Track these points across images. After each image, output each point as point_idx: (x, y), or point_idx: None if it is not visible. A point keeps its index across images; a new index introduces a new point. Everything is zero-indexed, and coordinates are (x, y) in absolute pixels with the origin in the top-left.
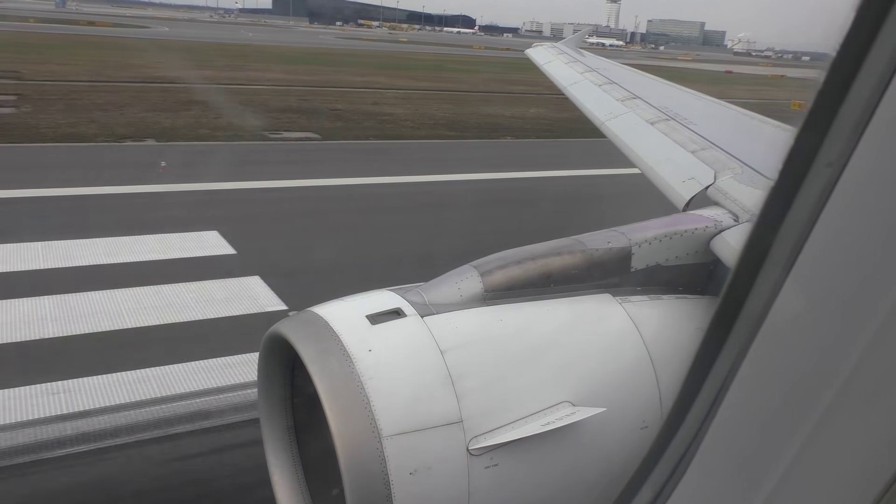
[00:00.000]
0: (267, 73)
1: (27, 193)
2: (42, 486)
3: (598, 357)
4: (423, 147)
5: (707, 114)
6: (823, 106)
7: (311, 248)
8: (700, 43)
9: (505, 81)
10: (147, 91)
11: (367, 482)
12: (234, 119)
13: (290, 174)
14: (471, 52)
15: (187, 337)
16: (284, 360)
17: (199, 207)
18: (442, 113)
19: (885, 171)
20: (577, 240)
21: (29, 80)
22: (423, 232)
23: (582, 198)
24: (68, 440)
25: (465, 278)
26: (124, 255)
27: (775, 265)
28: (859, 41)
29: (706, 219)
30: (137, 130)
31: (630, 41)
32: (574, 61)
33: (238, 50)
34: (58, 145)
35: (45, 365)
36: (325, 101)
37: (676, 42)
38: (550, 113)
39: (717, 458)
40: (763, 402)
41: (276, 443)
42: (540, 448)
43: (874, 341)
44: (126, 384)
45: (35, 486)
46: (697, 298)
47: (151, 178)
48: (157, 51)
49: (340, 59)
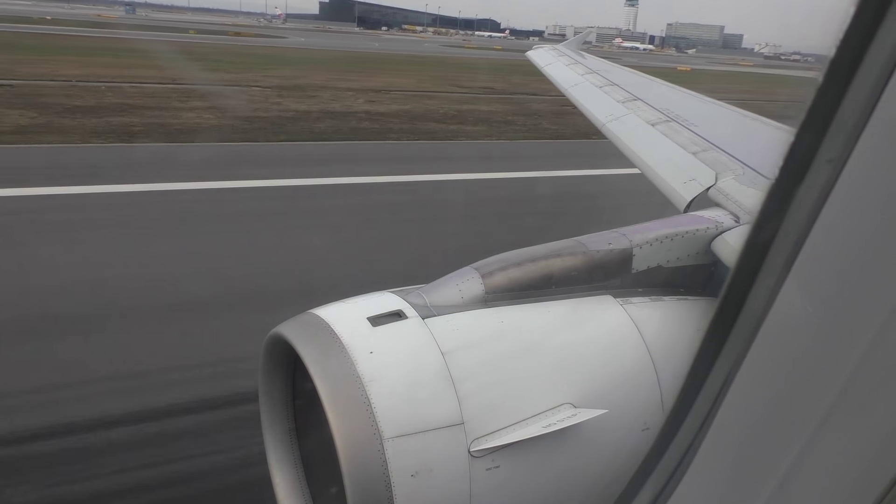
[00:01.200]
0: (490, 80)
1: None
2: None
3: (600, 358)
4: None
5: (708, 115)
6: (824, 103)
7: None
8: (719, 46)
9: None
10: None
11: (369, 484)
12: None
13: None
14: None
15: None
16: (285, 361)
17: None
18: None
19: (885, 167)
20: (578, 241)
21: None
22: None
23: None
24: None
25: (465, 280)
26: None
27: (775, 264)
28: (859, 38)
29: (707, 220)
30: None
31: (655, 45)
32: (575, 63)
33: (402, 59)
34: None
35: None
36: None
37: (696, 45)
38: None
39: (717, 459)
40: (763, 402)
41: (277, 444)
42: (541, 450)
43: (875, 340)
44: None
45: None
46: (699, 300)
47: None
48: (364, 62)
49: (488, 66)
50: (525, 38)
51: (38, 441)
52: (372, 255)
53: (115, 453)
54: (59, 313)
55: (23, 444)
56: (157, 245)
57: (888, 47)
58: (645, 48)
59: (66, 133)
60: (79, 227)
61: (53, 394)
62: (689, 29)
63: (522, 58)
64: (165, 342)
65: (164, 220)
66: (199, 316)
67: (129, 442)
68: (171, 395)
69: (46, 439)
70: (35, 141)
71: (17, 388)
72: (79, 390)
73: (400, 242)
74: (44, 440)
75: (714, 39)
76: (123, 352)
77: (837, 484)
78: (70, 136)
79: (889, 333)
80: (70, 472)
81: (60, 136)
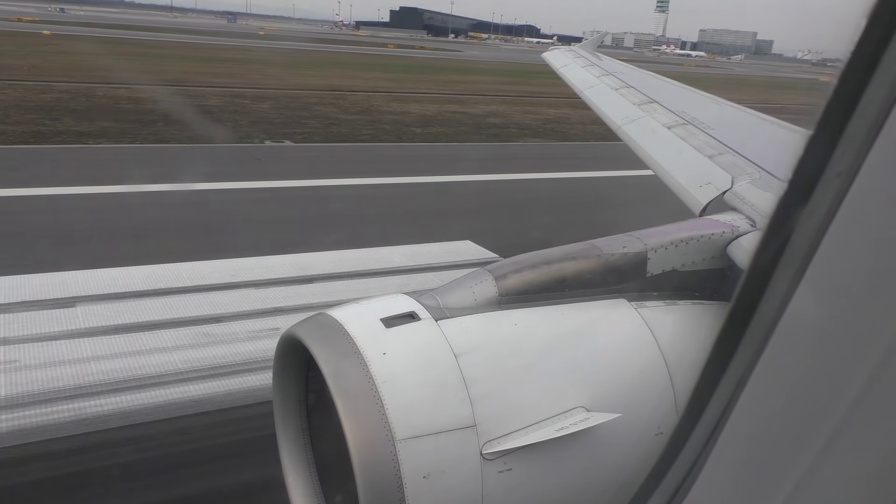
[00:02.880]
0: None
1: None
2: None
3: (614, 362)
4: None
5: (724, 118)
6: (834, 116)
7: None
8: (752, 52)
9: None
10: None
11: (381, 485)
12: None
13: None
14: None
15: None
16: (299, 362)
17: None
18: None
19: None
20: (593, 244)
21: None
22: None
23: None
24: None
25: (479, 282)
26: None
27: (787, 271)
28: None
29: (723, 224)
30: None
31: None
32: (591, 65)
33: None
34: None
35: None
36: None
37: (730, 51)
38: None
39: (728, 464)
40: (775, 408)
41: (290, 444)
42: (554, 453)
43: (888, 350)
44: None
45: None
46: (714, 304)
47: None
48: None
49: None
50: (567, 44)
51: None
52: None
53: None
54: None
55: None
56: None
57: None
58: (697, 55)
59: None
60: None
61: None
62: (722, 35)
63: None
64: None
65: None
66: None
67: None
68: None
69: None
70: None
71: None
72: None
73: None
74: None
75: (748, 45)
76: None
77: (851, 491)
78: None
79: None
80: None
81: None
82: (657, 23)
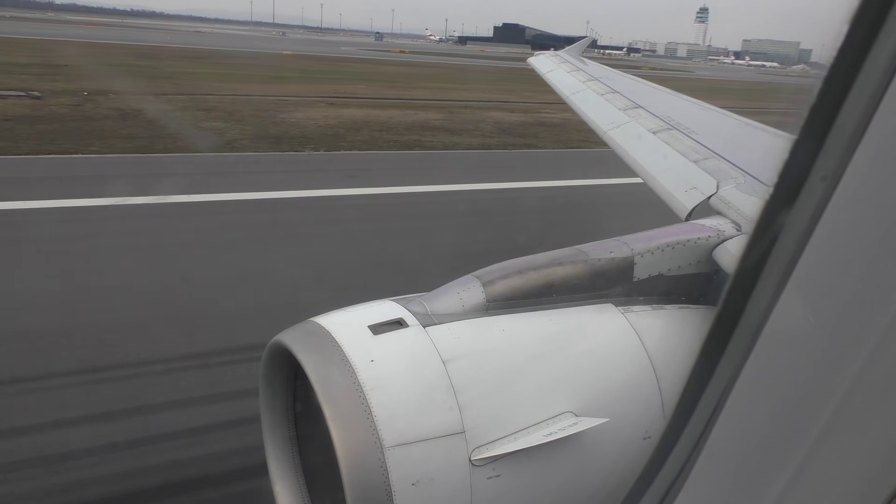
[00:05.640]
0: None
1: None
2: None
3: (601, 367)
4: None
5: (709, 123)
6: (818, 120)
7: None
8: (795, 62)
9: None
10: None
11: (370, 493)
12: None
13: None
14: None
15: None
16: (286, 369)
17: None
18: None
19: (879, 184)
20: (580, 249)
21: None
22: None
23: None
24: None
25: (466, 288)
26: None
27: (773, 275)
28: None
29: (709, 228)
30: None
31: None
32: (576, 70)
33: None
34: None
35: None
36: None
37: (787, 62)
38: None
39: (717, 468)
40: (763, 411)
41: (277, 452)
42: (542, 459)
43: (873, 351)
44: None
45: None
46: (700, 308)
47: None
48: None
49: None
50: (635, 53)
51: None
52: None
53: None
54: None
55: None
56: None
57: (883, 63)
58: (771, 65)
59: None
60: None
61: None
62: (766, 45)
63: (741, 77)
64: None
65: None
66: None
67: None
68: None
69: None
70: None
71: None
72: None
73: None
74: None
75: (791, 55)
76: None
77: (838, 493)
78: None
79: (888, 343)
80: None
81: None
82: (697, 33)
